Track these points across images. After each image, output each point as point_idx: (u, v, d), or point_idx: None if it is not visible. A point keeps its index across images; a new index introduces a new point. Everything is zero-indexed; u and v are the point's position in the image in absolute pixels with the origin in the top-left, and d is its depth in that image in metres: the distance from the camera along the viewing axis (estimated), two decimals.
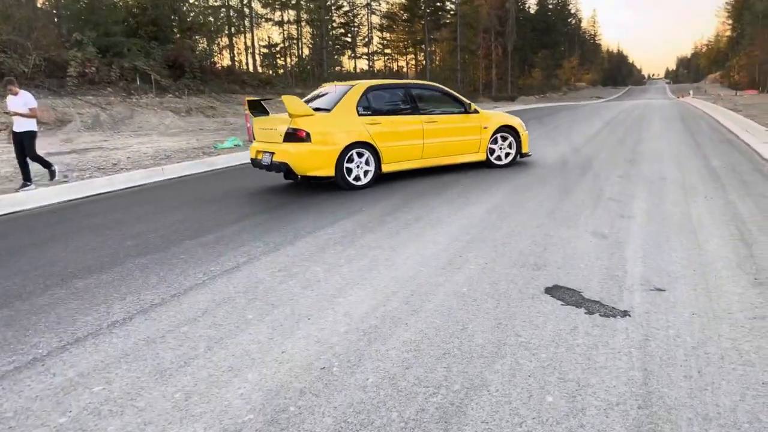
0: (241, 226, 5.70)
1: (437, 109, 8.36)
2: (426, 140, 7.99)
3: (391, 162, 7.72)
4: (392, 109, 7.89)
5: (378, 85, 7.93)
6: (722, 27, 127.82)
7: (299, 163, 7.06)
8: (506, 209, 5.96)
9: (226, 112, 24.94)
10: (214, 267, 4.40)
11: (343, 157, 7.22)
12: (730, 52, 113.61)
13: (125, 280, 4.19)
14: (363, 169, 7.47)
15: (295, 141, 7.02)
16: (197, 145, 14.61)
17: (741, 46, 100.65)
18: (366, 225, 5.53)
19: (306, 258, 4.52)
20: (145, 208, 6.97)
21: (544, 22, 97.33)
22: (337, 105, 7.38)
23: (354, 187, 7.36)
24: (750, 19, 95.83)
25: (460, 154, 8.49)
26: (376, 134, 7.48)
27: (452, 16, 73.35)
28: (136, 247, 5.14)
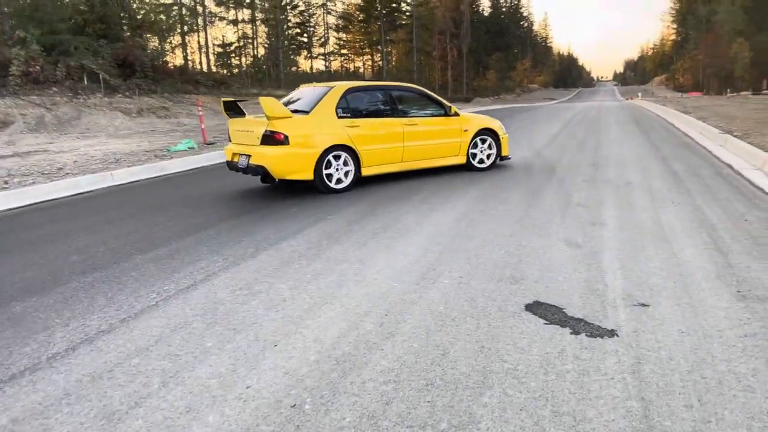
0: (198, 238, 5.34)
1: (417, 111, 8.27)
2: (406, 143, 7.87)
3: (371, 165, 7.58)
4: (372, 112, 7.77)
5: (357, 86, 7.79)
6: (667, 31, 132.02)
7: (277, 166, 6.87)
8: (475, 216, 5.77)
9: (179, 112, 24.20)
10: (169, 285, 4.05)
11: (323, 160, 7.06)
12: (675, 56, 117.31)
13: (69, 303, 3.81)
14: (342, 173, 7.31)
15: (272, 144, 6.83)
16: (149, 148, 14.02)
17: (685, 49, 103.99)
18: (332, 235, 5.26)
19: (269, 274, 4.22)
20: (92, 218, 6.52)
21: (498, 25, 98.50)
22: (316, 107, 7.22)
23: (333, 191, 7.20)
24: (694, 24, 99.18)
25: (440, 157, 8.39)
26: (355, 137, 7.33)
27: (408, 17, 73.48)
28: (82, 262, 4.74)
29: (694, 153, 10.18)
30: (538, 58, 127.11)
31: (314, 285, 3.95)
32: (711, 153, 9.92)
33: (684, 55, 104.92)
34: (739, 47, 78.02)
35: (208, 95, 28.81)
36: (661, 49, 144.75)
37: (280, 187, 7.99)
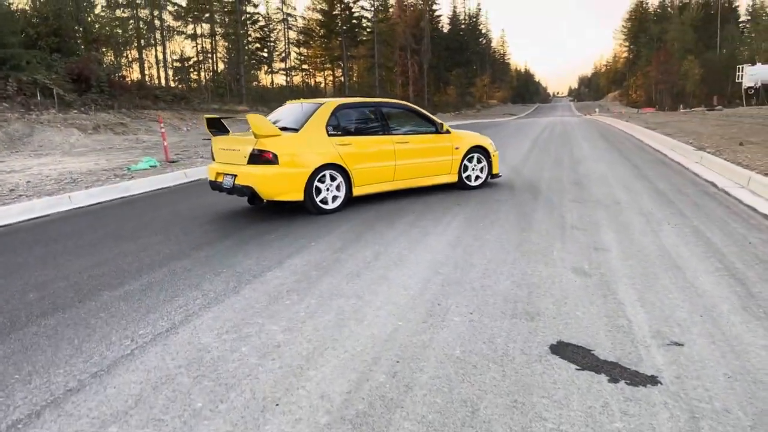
0: (171, 270, 4.87)
1: (408, 128, 8.01)
2: (398, 162, 7.59)
3: (363, 185, 7.29)
4: (363, 129, 7.52)
5: (347, 103, 7.51)
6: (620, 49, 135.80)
7: (265, 187, 6.54)
8: (470, 242, 5.45)
9: (138, 129, 23.38)
10: (144, 329, 3.59)
11: (313, 180, 6.75)
12: (628, 72, 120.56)
13: (29, 353, 3.32)
14: (333, 193, 7.00)
15: (260, 163, 6.52)
16: (108, 167, 13.34)
17: (637, 66, 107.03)
18: (320, 264, 4.85)
19: (257, 312, 3.80)
20: (50, 248, 5.96)
21: (457, 41, 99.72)
22: (306, 125, 6.91)
23: (324, 212, 6.89)
24: (645, 41, 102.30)
25: (432, 175, 8.13)
26: (346, 155, 7.03)
27: (369, 33, 73.57)
28: (41, 301, 4.22)
29: (672, 170, 10.12)
30: (497, 74, 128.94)
31: (310, 325, 3.54)
32: (689, 170, 9.87)
33: (636, 71, 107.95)
34: (689, 64, 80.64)
35: (167, 111, 27.99)
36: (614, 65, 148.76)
37: (254, 209, 7.54)
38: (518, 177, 9.80)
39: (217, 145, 7.28)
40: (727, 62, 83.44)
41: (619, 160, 12.12)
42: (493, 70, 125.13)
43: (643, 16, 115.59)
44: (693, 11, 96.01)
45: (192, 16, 55.05)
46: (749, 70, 67.90)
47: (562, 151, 14.71)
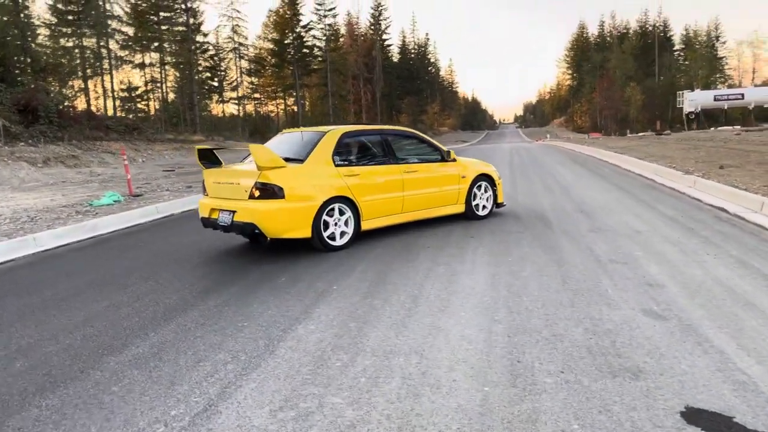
0: (180, 325, 4.19)
1: (414, 157, 7.55)
2: (406, 192, 7.10)
3: (371, 218, 6.75)
4: (369, 158, 7.05)
5: (353, 131, 7.02)
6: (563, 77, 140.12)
7: (270, 223, 5.92)
8: (509, 280, 4.95)
9: (91, 161, 22.18)
10: (176, 408, 2.92)
11: (321, 214, 6.18)
12: (572, 99, 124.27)
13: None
14: (342, 227, 6.43)
15: (265, 198, 5.92)
16: (66, 202, 12.37)
17: (581, 93, 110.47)
18: (354, 313, 4.25)
19: (307, 380, 3.18)
20: (25, 301, 5.16)
21: (408, 70, 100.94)
22: (311, 154, 6.37)
23: (332, 249, 6.32)
24: (588, 69, 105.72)
25: (440, 206, 7.65)
26: (354, 187, 6.50)
27: (321, 62, 73.45)
28: (32, 372, 3.48)
29: (669, 195, 9.91)
30: (446, 102, 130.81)
31: (379, 396, 2.95)
32: (686, 195, 9.69)
33: (580, 98, 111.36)
34: (631, 91, 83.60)
35: (120, 141, 26.78)
36: (558, 93, 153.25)
37: (246, 248, 6.88)
38: (518, 206, 9.41)
39: (211, 179, 6.65)
40: (666, 89, 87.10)
41: (607, 186, 11.92)
42: (443, 98, 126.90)
43: (585, 46, 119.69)
44: (632, 40, 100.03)
45: (140, 45, 53.77)
46: (689, 95, 70.93)
47: (544, 177, 14.48)
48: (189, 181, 17.04)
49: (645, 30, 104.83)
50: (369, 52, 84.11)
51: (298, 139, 6.89)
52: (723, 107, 71.10)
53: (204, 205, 6.63)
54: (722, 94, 70.21)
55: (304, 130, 7.07)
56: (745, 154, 16.13)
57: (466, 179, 7.84)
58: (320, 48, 74.34)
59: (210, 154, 6.74)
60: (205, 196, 6.81)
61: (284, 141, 7.12)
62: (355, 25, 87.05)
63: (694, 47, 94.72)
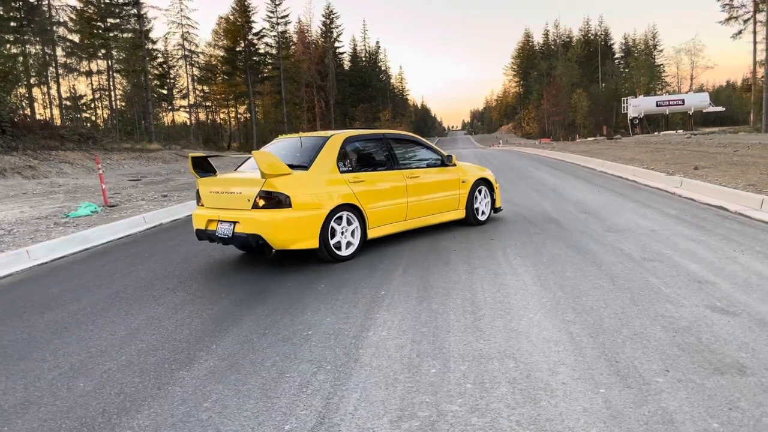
0: (240, 336, 3.98)
1: (416, 161, 7.36)
2: (410, 199, 6.90)
3: (376, 226, 6.51)
4: (374, 164, 6.80)
5: (356, 135, 6.75)
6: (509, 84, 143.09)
7: (277, 234, 5.59)
8: (557, 281, 4.92)
9: (49, 172, 21.22)
10: (288, 422, 2.77)
11: (328, 223, 5.90)
12: (519, 106, 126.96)
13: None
14: (348, 236, 6.17)
15: (270, 207, 5.61)
16: (38, 214, 11.78)
17: (528, 100, 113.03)
18: (419, 318, 4.13)
19: (411, 387, 3.06)
20: (49, 317, 4.82)
21: (360, 78, 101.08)
22: (317, 160, 6.09)
23: (340, 259, 6.05)
24: (536, 77, 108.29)
25: (441, 212, 7.47)
26: (360, 194, 6.26)
27: (274, 69, 72.68)
28: (101, 391, 3.24)
29: (661, 196, 10.12)
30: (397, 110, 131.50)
31: (496, 402, 2.86)
32: (677, 195, 9.94)
33: (528, 104, 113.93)
34: (578, 97, 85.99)
35: (77, 151, 25.78)
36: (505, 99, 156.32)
37: (252, 258, 6.66)
38: (519, 208, 9.46)
39: (206, 188, 6.27)
40: (610, 95, 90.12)
41: (594, 188, 12.10)
42: (394, 105, 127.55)
43: (531, 54, 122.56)
44: (577, 48, 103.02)
45: (86, 52, 51.99)
46: (633, 101, 73.54)
47: (527, 181, 14.62)
48: (159, 190, 16.53)
49: (588, 38, 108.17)
50: (322, 60, 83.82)
51: (296, 145, 6.61)
52: (665, 112, 74.08)
53: (199, 217, 6.23)
54: (664, 100, 73.06)
55: (304, 135, 6.80)
56: (710, 155, 16.74)
57: (467, 184, 7.74)
58: (273, 55, 73.56)
59: (204, 163, 6.36)
60: (199, 207, 6.42)
61: (283, 147, 6.77)
62: (306, 33, 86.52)
63: (634, 55, 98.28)
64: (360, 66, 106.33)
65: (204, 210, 6.26)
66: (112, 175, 22.35)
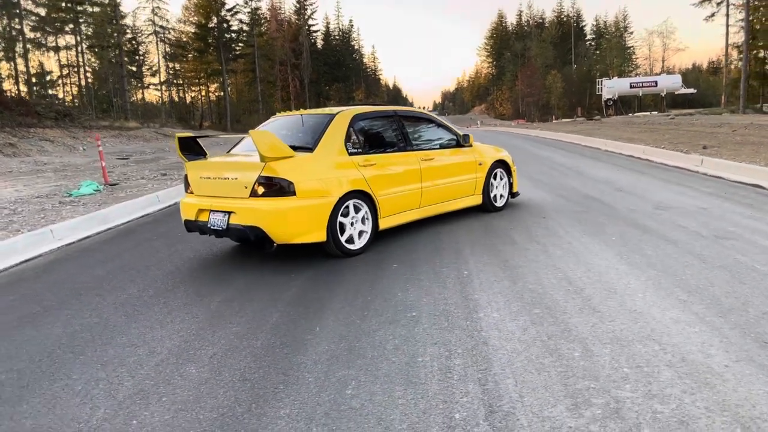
0: (342, 320, 3.74)
1: (430, 142, 6.61)
2: (424, 184, 6.18)
3: (389, 215, 5.79)
4: (384, 145, 6.08)
5: (365, 112, 5.96)
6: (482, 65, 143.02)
7: (280, 226, 4.89)
8: (640, 258, 4.77)
9: (30, 149, 20.37)
10: (455, 410, 2.54)
11: (337, 212, 5.18)
12: (492, 87, 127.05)
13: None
14: (359, 227, 5.46)
15: (271, 195, 4.91)
16: (36, 193, 11.25)
17: (502, 81, 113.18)
18: (523, 298, 3.93)
19: (563, 372, 2.86)
20: (118, 298, 4.50)
21: (335, 57, 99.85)
22: (322, 141, 5.34)
23: (349, 253, 5.32)
24: (510, 58, 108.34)
25: (457, 198, 6.78)
26: (372, 179, 5.54)
27: (247, 47, 71.16)
28: (243, 382, 2.97)
29: (685, 174, 10.04)
30: (370, 89, 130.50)
31: (669, 388, 2.68)
32: (701, 173, 9.92)
33: (501, 85, 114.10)
34: (553, 78, 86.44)
35: (56, 129, 24.83)
36: (477, 80, 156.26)
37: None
38: (548, 186, 9.30)
39: (196, 173, 5.52)
40: (584, 76, 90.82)
41: (612, 167, 11.91)
42: (367, 85, 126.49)
43: (504, 35, 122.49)
44: (551, 29, 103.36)
45: (54, 27, 50.14)
46: (607, 83, 74.25)
47: (540, 160, 14.47)
48: (154, 168, 16.03)
49: (561, 20, 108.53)
50: (296, 38, 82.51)
51: (297, 124, 5.88)
52: (638, 94, 74.92)
53: (188, 206, 5.50)
54: (637, 82, 73.88)
55: (305, 113, 6.07)
56: (710, 135, 16.87)
57: (483, 166, 7.05)
58: (246, 32, 72.01)
59: (193, 144, 5.67)
60: (188, 194, 5.67)
61: (282, 126, 6.00)
62: (278, 10, 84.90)
63: (606, 37, 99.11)
64: (333, 45, 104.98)
65: (194, 198, 5.53)
66: (94, 152, 21.59)
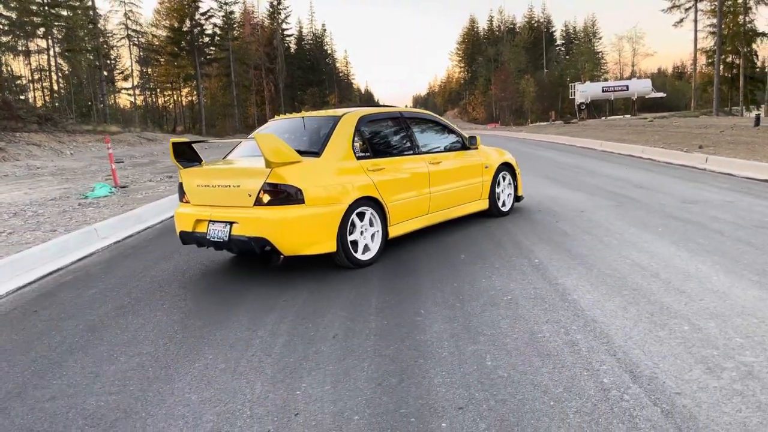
0: (455, 316, 3.93)
1: (436, 144, 6.36)
2: (432, 189, 5.91)
3: (398, 222, 5.51)
4: (392, 148, 5.82)
5: (372, 114, 5.70)
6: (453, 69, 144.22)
7: (288, 237, 4.60)
8: (698, 247, 5.05)
9: (18, 154, 20.06)
10: (624, 386, 2.76)
11: (347, 220, 4.91)
12: (465, 91, 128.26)
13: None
14: (369, 236, 5.20)
15: (277, 203, 4.59)
16: (46, 196, 11.19)
17: (475, 85, 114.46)
18: (610, 282, 4.17)
19: (683, 341, 3.10)
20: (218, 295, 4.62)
21: (309, 61, 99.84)
22: (329, 145, 5.04)
23: (360, 264, 5.04)
24: (483, 62, 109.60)
25: (464, 203, 6.50)
26: (381, 184, 5.24)
27: (221, 51, 70.74)
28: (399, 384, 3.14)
29: (695, 172, 10.44)
30: (343, 94, 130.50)
31: None
32: (710, 170, 10.33)
33: (474, 90, 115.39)
34: (526, 83, 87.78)
35: (41, 133, 24.50)
36: (449, 85, 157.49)
37: None
38: (568, 185, 9.60)
39: (192, 180, 5.16)
40: (556, 81, 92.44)
41: (618, 166, 12.27)
42: (340, 89, 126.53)
43: (476, 40, 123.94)
44: (523, 35, 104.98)
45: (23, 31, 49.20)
46: (580, 87, 75.57)
47: (544, 161, 14.81)
48: (154, 171, 15.99)
49: (532, 25, 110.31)
50: (270, 42, 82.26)
51: (299, 127, 5.56)
52: (610, 98, 76.42)
53: (184, 216, 5.15)
54: (609, 86, 75.37)
55: (307, 115, 5.72)
56: (699, 136, 17.47)
57: (490, 169, 6.81)
58: (221, 36, 71.59)
59: (187, 150, 5.30)
60: (183, 204, 5.31)
61: (283, 129, 5.63)
62: (251, 14, 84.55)
63: (575, 42, 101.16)
64: (306, 49, 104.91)
65: (190, 208, 5.18)
66: (87, 156, 21.40)
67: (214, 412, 2.68)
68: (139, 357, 3.38)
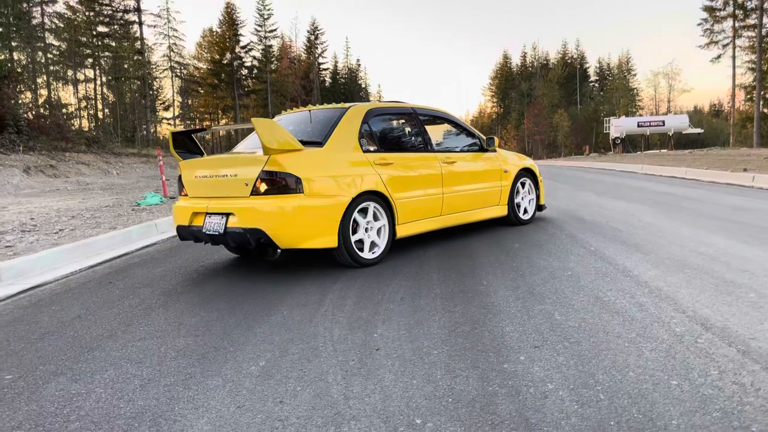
0: (524, 308, 4.03)
1: (451, 144, 6.15)
2: (446, 189, 5.59)
3: (407, 222, 5.16)
4: (402, 144, 5.59)
5: (381, 108, 5.40)
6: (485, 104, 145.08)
7: (285, 229, 4.28)
8: (759, 242, 5.07)
9: (68, 171, 20.84)
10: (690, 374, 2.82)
11: (350, 214, 4.60)
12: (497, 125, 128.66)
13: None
14: (374, 234, 4.89)
15: (275, 193, 4.29)
16: (99, 205, 11.60)
17: (507, 120, 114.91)
18: (678, 272, 4.22)
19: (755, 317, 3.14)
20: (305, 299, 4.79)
21: (343, 94, 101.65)
22: (333, 135, 4.76)
23: (363, 263, 4.70)
24: (517, 97, 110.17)
25: (480, 207, 6.14)
26: (389, 180, 4.95)
27: (259, 83, 72.69)
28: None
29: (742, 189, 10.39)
30: None
31: None
32: (756, 187, 10.25)
33: (507, 124, 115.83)
34: (559, 117, 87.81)
35: (89, 154, 25.41)
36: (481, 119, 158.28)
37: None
38: (621, 198, 9.62)
39: (191, 172, 4.89)
40: (590, 115, 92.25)
41: (661, 184, 12.26)
42: None
43: (509, 75, 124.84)
44: (557, 70, 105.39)
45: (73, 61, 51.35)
46: (615, 122, 75.20)
47: (586, 181, 14.88)
48: None
49: (565, 61, 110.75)
50: (306, 75, 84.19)
51: (305, 119, 5.27)
52: (645, 133, 75.86)
53: (182, 210, 4.85)
54: (645, 121, 74.79)
55: (316, 108, 5.41)
56: (743, 161, 17.28)
57: (509, 174, 6.49)
58: (260, 69, 73.64)
59: (188, 141, 5.14)
60: (182, 197, 5.06)
61: (290, 122, 5.37)
62: (289, 48, 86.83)
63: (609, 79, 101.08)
64: (341, 83, 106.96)
65: (188, 201, 4.90)
66: (132, 176, 22.12)
67: (297, 348, 2.82)
68: (217, 312, 3.56)
